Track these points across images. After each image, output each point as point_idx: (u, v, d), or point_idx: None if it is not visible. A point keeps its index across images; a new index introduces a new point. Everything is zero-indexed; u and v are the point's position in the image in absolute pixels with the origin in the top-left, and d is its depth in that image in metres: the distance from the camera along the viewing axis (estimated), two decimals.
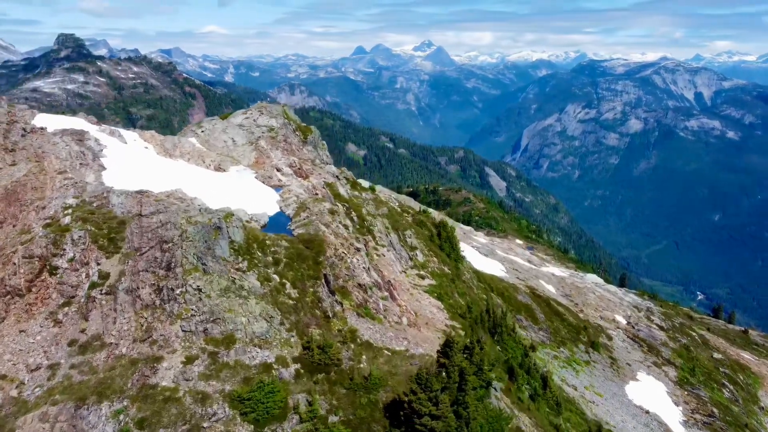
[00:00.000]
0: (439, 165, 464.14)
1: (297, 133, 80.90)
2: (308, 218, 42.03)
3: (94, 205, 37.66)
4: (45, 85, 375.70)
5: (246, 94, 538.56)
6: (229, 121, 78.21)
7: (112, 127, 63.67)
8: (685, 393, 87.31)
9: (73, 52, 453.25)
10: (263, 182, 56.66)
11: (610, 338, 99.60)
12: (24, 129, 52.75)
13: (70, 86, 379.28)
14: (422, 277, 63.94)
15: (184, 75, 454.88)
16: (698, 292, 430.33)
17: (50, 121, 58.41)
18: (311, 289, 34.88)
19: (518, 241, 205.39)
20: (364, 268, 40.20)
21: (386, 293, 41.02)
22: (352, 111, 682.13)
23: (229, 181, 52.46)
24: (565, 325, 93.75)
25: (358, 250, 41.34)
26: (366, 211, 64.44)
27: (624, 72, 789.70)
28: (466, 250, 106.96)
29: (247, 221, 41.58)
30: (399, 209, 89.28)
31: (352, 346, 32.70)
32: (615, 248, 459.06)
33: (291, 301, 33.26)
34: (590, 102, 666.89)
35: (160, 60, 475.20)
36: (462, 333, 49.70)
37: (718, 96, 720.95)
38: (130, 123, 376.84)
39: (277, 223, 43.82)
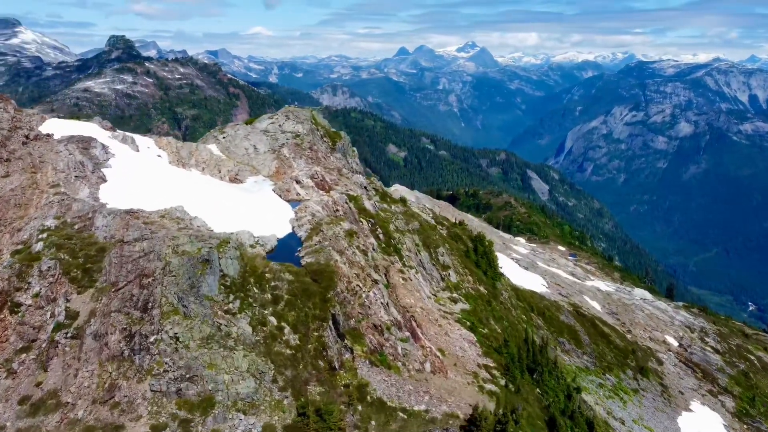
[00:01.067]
0: (480, 167, 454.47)
1: (325, 139, 75.48)
2: (320, 244, 36.32)
3: (76, 227, 32.87)
4: (96, 85, 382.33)
5: (289, 95, 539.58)
6: (254, 126, 73.32)
7: (127, 133, 59.41)
8: (744, 426, 78.80)
9: (123, 53, 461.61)
10: (280, 196, 51.29)
11: (660, 363, 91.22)
12: (27, 136, 48.62)
13: (119, 86, 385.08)
14: (454, 301, 57.60)
15: (229, 76, 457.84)
16: (749, 303, 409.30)
17: (60, 127, 54.35)
18: (315, 334, 29.17)
19: (560, 248, 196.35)
20: (381, 303, 34.27)
21: (407, 333, 34.97)
22: (394, 112, 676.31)
23: (241, 195, 47.30)
24: (611, 348, 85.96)
25: (376, 282, 35.40)
26: (394, 227, 58.42)
27: (674, 74, 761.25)
28: (505, 264, 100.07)
29: (251, 245, 36.14)
30: (433, 221, 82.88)
31: (360, 407, 26.84)
32: (661, 255, 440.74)
33: (289, 351, 27.60)
34: (638, 104, 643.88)
35: (205, 61, 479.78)
36: (496, 373, 43.20)
37: None
38: (176, 123, 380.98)
39: (287, 247, 38.28)
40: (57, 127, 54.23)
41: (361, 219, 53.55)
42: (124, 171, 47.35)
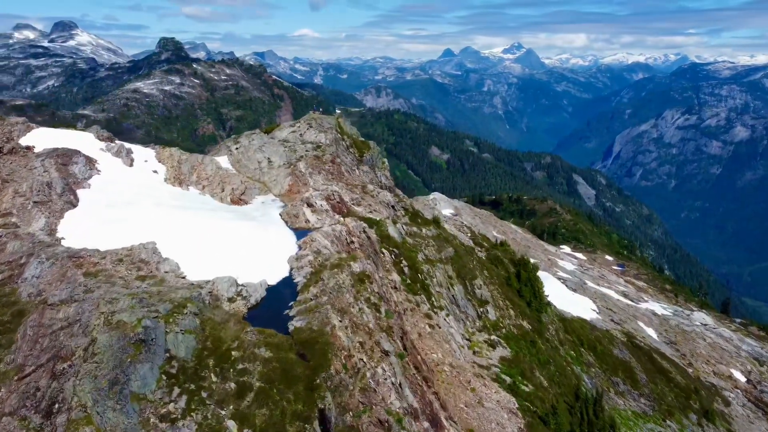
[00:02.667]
0: (525, 171, 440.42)
1: (351, 150, 66.90)
2: (316, 299, 27.68)
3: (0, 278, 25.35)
4: (144, 86, 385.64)
5: (333, 96, 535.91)
6: (273, 136, 65.36)
7: (126, 144, 52.14)
8: None
9: (172, 55, 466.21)
10: (287, 222, 42.92)
11: (727, 403, 79.30)
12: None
13: (166, 87, 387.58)
14: (492, 345, 48.17)
15: (274, 77, 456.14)
16: None
17: (48, 138, 47.37)
18: None
19: (608, 258, 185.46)
20: (392, 384, 25.44)
21: (426, 423, 26.06)
22: (438, 114, 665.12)
23: (238, 223, 39.07)
24: (671, 387, 74.69)
25: (387, 353, 26.58)
26: (423, 257, 49.31)
27: (730, 76, 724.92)
28: (552, 286, 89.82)
29: (230, 298, 27.82)
30: (471, 242, 73.38)
31: None
32: (713, 264, 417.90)
33: None
34: (691, 107, 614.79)
35: (251, 62, 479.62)
36: None
37: None
38: (221, 124, 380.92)
39: (278, 298, 29.74)
40: (44, 137, 47.31)
41: (383, 249, 44.73)
42: (105, 192, 39.81)
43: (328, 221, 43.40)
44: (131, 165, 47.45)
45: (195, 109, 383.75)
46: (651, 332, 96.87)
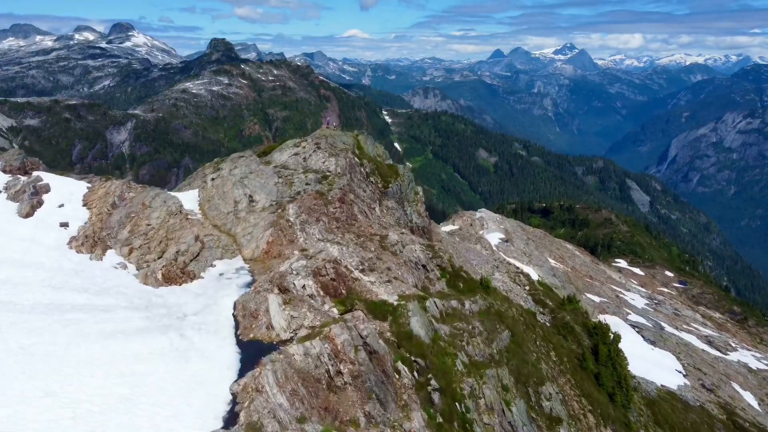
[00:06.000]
0: (576, 175, 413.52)
1: (372, 178, 48.63)
2: None
3: None
4: (193, 86, 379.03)
5: (380, 97, 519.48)
6: (271, 158, 47.74)
7: (48, 178, 35.55)
8: None
9: (222, 56, 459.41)
10: (237, 326, 25.26)
11: None
12: None
13: (215, 88, 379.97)
14: None
15: (320, 77, 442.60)
16: None
17: None
18: None
19: (668, 273, 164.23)
20: None
21: None
22: (486, 115, 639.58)
23: (135, 344, 21.40)
24: None
25: None
26: (465, 363, 30.64)
27: None
28: (626, 337, 69.29)
29: None
30: (531, 300, 54.14)
31: None
32: None
33: None
34: (753, 111, 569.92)
35: (299, 63, 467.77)
36: None
37: None
38: (267, 124, 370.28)
39: None
40: None
41: (398, 366, 26.58)
42: None
43: (308, 320, 25.56)
44: (29, 214, 30.88)
45: (242, 109, 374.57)
46: (750, 398, 75.86)
